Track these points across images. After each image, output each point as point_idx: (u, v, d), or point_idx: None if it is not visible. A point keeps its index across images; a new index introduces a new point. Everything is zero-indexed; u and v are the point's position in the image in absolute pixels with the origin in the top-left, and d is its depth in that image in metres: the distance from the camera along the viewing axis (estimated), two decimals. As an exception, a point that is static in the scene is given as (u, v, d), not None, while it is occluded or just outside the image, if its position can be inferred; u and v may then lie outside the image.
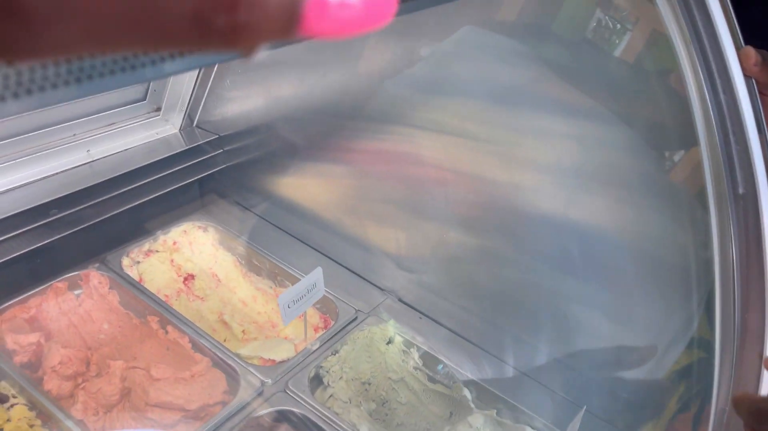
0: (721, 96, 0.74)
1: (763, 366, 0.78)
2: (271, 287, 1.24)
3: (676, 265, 0.88)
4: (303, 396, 0.96)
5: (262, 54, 0.19)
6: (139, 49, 0.19)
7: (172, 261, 1.25)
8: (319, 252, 1.30)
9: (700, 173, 0.81)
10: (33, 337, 0.98)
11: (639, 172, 0.93)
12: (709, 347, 0.83)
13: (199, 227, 1.29)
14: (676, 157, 0.90)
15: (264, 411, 0.94)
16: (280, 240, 1.31)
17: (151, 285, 1.16)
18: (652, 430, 0.95)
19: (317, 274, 1.02)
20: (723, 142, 0.74)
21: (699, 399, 0.87)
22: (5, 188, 1.08)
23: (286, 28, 0.18)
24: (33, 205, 1.07)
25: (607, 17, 1.12)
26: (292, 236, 1.33)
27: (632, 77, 1.00)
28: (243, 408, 0.94)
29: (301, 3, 0.18)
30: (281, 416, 0.94)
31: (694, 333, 0.88)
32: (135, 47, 0.18)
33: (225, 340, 1.12)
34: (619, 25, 1.11)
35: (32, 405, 0.91)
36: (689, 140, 0.83)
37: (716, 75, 0.74)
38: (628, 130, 0.93)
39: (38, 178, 1.12)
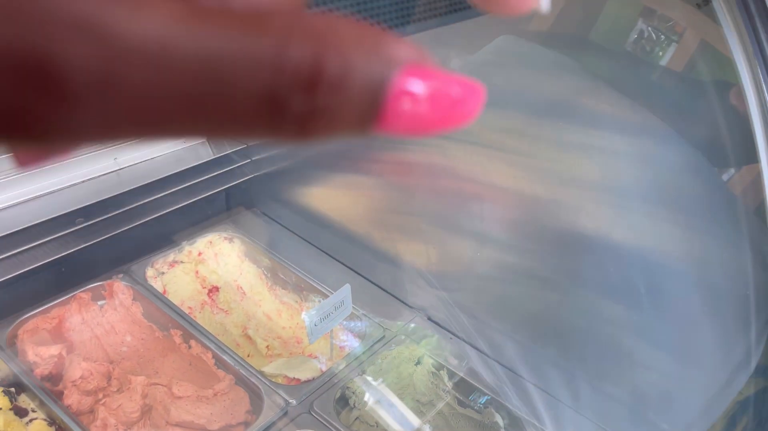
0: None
1: None
2: (297, 301, 1.20)
3: (735, 290, 0.82)
4: (328, 419, 0.92)
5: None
6: (194, 135, 0.16)
7: (197, 272, 1.22)
8: (346, 266, 1.26)
9: (759, 191, 0.75)
10: (54, 349, 0.95)
11: (691, 192, 0.87)
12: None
13: (225, 238, 1.26)
14: (734, 176, 0.84)
15: (288, 433, 0.90)
16: (307, 253, 1.28)
17: (174, 297, 1.14)
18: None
19: (345, 292, 0.98)
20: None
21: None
22: (31, 196, 1.07)
23: (366, 119, 0.15)
24: (59, 214, 1.05)
25: (650, 28, 1.07)
26: (320, 249, 1.29)
27: (682, 90, 0.95)
28: (266, 429, 0.90)
29: (387, 92, 0.15)
30: (305, 439, 0.91)
31: (755, 362, 0.82)
32: (190, 134, 0.16)
33: (249, 356, 1.09)
34: (663, 36, 1.06)
35: (51, 421, 0.89)
36: (748, 157, 0.77)
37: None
38: (679, 146, 0.87)
39: (64, 185, 1.11)
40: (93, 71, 0.14)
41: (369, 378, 1.02)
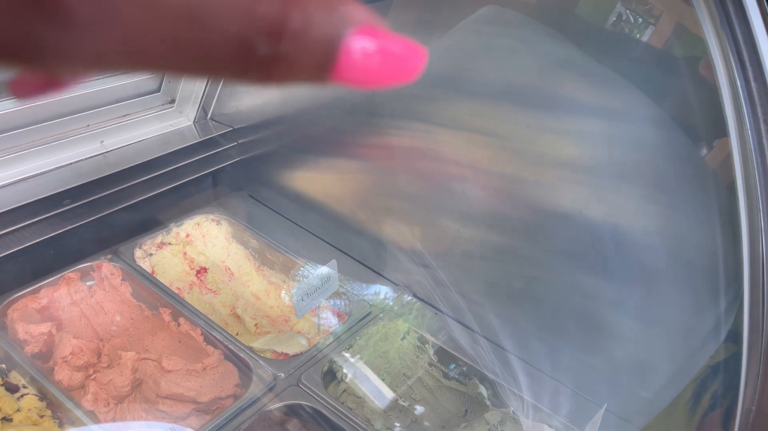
0: (753, 84, 0.71)
1: None
2: (285, 281, 1.22)
3: (705, 262, 0.86)
4: (316, 391, 0.95)
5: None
6: (173, 70, 0.18)
7: (184, 254, 1.23)
8: (333, 246, 1.28)
9: (729, 166, 0.78)
10: (44, 327, 0.97)
11: (665, 169, 0.90)
12: (737, 345, 0.81)
13: (213, 220, 1.28)
14: (707, 153, 0.87)
15: (276, 405, 0.92)
16: (294, 234, 1.30)
17: (163, 278, 1.15)
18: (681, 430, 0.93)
19: (332, 267, 1.00)
20: (754, 131, 0.72)
21: (727, 399, 0.85)
22: (19, 177, 1.08)
23: (321, 68, 0.18)
24: (46, 195, 1.06)
25: (628, 11, 1.10)
26: (306, 230, 1.31)
27: (657, 69, 0.98)
28: (255, 401, 0.92)
29: (340, 46, 0.18)
30: (294, 410, 0.93)
31: (723, 331, 0.85)
32: (170, 68, 0.18)
33: (237, 334, 1.11)
34: (641, 19, 1.09)
35: (43, 396, 0.90)
36: (718, 132, 0.81)
37: (747, 63, 0.71)
38: (653, 126, 0.90)
39: (52, 167, 1.12)
40: (90, 1, 0.16)
41: (356, 353, 1.04)
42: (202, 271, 1.22)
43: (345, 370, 1.02)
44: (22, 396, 0.91)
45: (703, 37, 0.78)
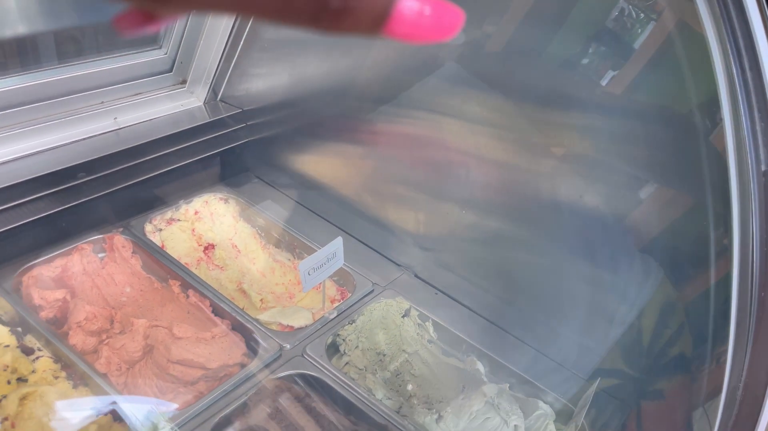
0: (748, 73, 0.75)
1: None
2: (290, 259, 1.26)
3: (695, 251, 0.89)
4: (320, 361, 0.98)
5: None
6: (257, 13, 0.22)
7: (193, 230, 1.27)
8: (338, 227, 1.31)
9: (724, 169, 0.81)
10: (59, 293, 1.00)
11: (657, 163, 0.94)
12: (725, 324, 0.84)
13: (221, 198, 1.31)
14: (701, 149, 0.90)
15: (282, 373, 0.95)
16: (300, 214, 1.33)
17: (172, 253, 1.18)
18: (665, 405, 0.97)
19: (337, 244, 1.04)
20: (748, 118, 0.75)
21: (714, 377, 0.88)
22: (35, 150, 1.11)
23: (379, 21, 0.22)
24: (62, 167, 1.09)
25: (630, 6, 1.13)
26: (312, 211, 1.35)
27: (655, 65, 1.01)
28: (261, 370, 0.96)
29: (395, 4, 0.22)
30: (298, 379, 0.96)
31: (710, 311, 0.89)
32: (254, 11, 0.22)
33: (243, 308, 1.14)
34: (642, 14, 1.12)
35: (57, 358, 0.93)
36: (713, 119, 0.84)
37: (743, 52, 0.75)
38: (648, 122, 0.94)
39: (67, 142, 1.15)
40: None
41: (358, 327, 1.08)
42: (209, 248, 1.26)
43: (348, 344, 1.05)
44: (37, 358, 0.94)
45: (702, 28, 0.81)
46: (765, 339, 0.81)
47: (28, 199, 1.05)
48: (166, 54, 1.28)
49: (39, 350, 0.95)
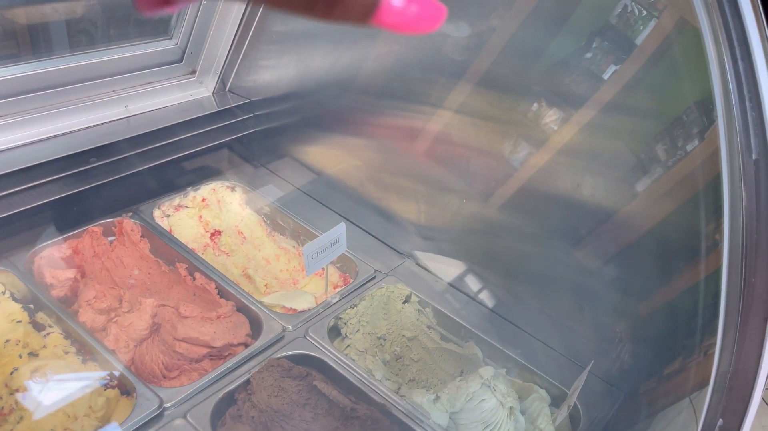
0: (740, 63, 0.77)
1: None
2: (294, 247, 1.29)
3: (685, 243, 0.92)
4: (322, 343, 1.01)
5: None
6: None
7: (200, 217, 1.30)
8: (342, 216, 1.34)
9: (716, 162, 0.83)
10: (70, 273, 1.03)
11: (653, 158, 0.96)
12: (714, 311, 0.86)
13: (228, 186, 1.34)
14: (696, 146, 0.92)
15: (285, 353, 0.98)
16: (305, 202, 1.36)
17: (179, 239, 1.21)
18: (656, 390, 0.99)
19: (340, 229, 1.06)
20: (739, 107, 0.77)
21: (703, 362, 0.90)
22: (48, 135, 1.14)
23: (368, 12, 0.25)
24: (73, 152, 1.12)
25: (633, 2, 1.15)
26: (317, 200, 1.37)
27: (655, 62, 1.03)
28: (265, 349, 0.99)
29: None
30: (300, 359, 0.99)
31: (701, 298, 0.91)
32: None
33: (248, 292, 1.17)
34: (645, 11, 1.14)
35: (67, 334, 0.97)
36: (706, 110, 0.86)
37: (735, 42, 0.77)
38: (646, 118, 0.96)
39: (79, 128, 1.18)
40: None
41: (359, 312, 1.11)
42: (216, 234, 1.29)
43: (349, 327, 1.08)
44: (48, 334, 0.97)
45: (695, 20, 0.83)
46: (755, 324, 0.83)
47: (40, 182, 1.08)
48: (176, 44, 1.31)
49: (50, 327, 0.98)
